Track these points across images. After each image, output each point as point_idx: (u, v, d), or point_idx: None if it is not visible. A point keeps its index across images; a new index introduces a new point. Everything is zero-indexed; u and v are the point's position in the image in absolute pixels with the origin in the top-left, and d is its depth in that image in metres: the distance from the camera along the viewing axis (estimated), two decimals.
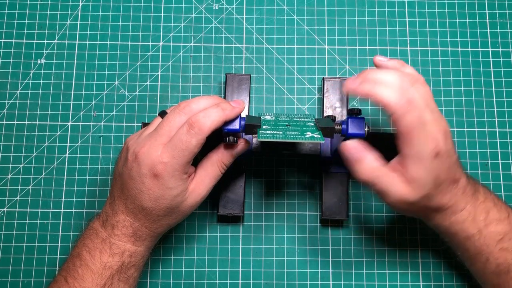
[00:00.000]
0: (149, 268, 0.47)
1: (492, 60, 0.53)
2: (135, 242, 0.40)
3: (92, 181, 0.49)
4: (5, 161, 0.50)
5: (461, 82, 0.52)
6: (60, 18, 0.53)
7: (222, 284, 0.47)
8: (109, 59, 0.52)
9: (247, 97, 0.48)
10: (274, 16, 0.54)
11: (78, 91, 0.51)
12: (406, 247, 0.48)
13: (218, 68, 0.52)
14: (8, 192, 0.49)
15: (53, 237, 0.48)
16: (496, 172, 0.50)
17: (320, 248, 0.48)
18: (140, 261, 0.41)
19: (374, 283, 0.47)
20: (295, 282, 0.47)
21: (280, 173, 0.50)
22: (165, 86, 0.52)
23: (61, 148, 0.50)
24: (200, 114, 0.38)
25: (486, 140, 0.51)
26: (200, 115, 0.38)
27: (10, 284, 0.47)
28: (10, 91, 0.51)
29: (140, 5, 0.54)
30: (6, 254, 0.48)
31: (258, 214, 0.49)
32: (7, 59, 0.52)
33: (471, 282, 0.47)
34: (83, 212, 0.49)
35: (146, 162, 0.38)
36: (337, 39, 0.53)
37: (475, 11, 0.54)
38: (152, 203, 0.39)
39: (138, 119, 0.51)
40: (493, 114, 0.51)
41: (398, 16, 0.54)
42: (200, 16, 0.53)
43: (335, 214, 0.47)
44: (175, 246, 0.48)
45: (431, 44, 0.53)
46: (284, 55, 0.53)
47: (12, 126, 0.50)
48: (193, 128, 0.37)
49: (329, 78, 0.48)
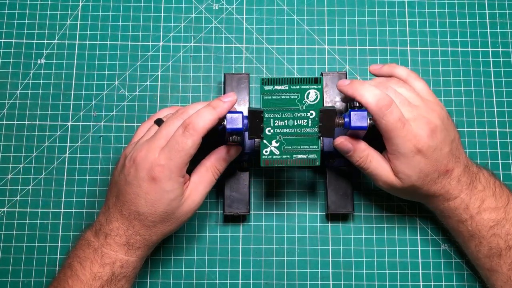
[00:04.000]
0: (149, 268, 0.47)
1: (492, 60, 0.53)
2: (128, 252, 0.40)
3: (92, 181, 0.49)
4: (5, 161, 0.50)
5: (461, 82, 0.52)
6: (60, 18, 0.53)
7: (222, 284, 0.47)
8: (109, 59, 0.52)
9: (246, 96, 0.48)
10: (274, 16, 0.54)
11: (78, 91, 0.51)
12: (406, 247, 0.48)
13: (218, 68, 0.52)
14: (8, 192, 0.49)
15: (53, 237, 0.48)
16: (496, 172, 0.50)
17: (320, 248, 0.48)
18: (131, 272, 0.41)
19: (374, 283, 0.47)
20: (295, 282, 0.47)
21: (280, 173, 0.50)
22: (165, 86, 0.52)
23: (61, 148, 0.50)
24: (193, 115, 0.39)
25: (486, 140, 0.51)
26: (193, 116, 0.38)
27: (10, 284, 0.47)
28: (10, 91, 0.51)
29: (140, 5, 0.54)
30: (6, 254, 0.48)
31: (258, 214, 0.49)
32: (7, 59, 0.52)
33: (471, 282, 0.47)
34: (83, 212, 0.49)
35: (143, 165, 0.38)
36: (337, 39, 0.53)
37: (475, 11, 0.54)
38: (149, 208, 0.39)
39: (138, 119, 0.51)
40: (493, 114, 0.51)
41: (398, 16, 0.54)
42: (200, 16, 0.53)
43: (340, 208, 0.47)
44: (175, 246, 0.48)
45: (431, 44, 0.53)
46: (284, 55, 0.53)
47: (12, 126, 0.50)
48: (187, 129, 0.38)
49: (327, 73, 0.48)
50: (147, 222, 0.39)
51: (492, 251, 0.41)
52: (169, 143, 0.38)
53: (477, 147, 0.50)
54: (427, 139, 0.39)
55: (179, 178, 0.39)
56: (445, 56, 0.53)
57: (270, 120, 0.39)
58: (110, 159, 0.50)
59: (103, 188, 0.49)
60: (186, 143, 0.38)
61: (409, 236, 0.49)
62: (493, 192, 0.41)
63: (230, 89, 0.48)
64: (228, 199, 0.46)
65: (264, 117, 0.39)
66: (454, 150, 0.41)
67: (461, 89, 0.52)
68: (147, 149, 0.39)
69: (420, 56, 0.53)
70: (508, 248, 0.40)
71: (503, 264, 0.40)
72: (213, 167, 0.42)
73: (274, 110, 0.39)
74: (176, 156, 0.38)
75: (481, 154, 0.50)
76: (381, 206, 0.49)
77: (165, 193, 0.38)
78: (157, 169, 0.38)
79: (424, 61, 0.53)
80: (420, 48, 0.53)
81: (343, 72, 0.49)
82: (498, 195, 0.41)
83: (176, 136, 0.38)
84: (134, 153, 0.39)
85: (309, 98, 0.39)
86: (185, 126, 0.38)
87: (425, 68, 0.52)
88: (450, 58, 0.53)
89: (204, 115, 0.38)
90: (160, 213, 0.39)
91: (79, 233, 0.44)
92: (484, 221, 0.41)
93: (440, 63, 0.53)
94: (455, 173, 0.41)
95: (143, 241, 0.40)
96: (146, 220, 0.39)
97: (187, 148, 0.38)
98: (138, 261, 0.41)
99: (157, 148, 0.38)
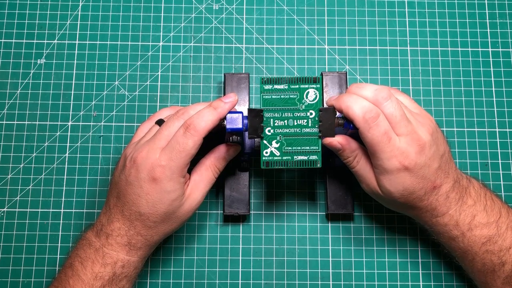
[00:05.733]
0: (149, 268, 0.47)
1: (492, 60, 0.53)
2: (129, 252, 0.40)
3: (92, 181, 0.49)
4: (5, 161, 0.50)
5: (461, 82, 0.52)
6: (60, 18, 0.53)
7: (222, 284, 0.47)
8: (109, 59, 0.52)
9: (246, 96, 0.48)
10: (274, 16, 0.54)
11: (78, 91, 0.51)
12: (406, 247, 0.48)
13: (218, 68, 0.52)
14: (8, 192, 0.49)
15: (53, 237, 0.48)
16: (496, 172, 0.50)
17: (320, 248, 0.48)
18: (133, 272, 0.41)
19: (374, 283, 0.47)
20: (295, 282, 0.47)
21: (280, 173, 0.50)
22: (165, 86, 0.52)
23: (61, 148, 0.50)
24: (194, 116, 0.39)
25: (486, 140, 0.51)
26: (194, 116, 0.39)
27: (10, 284, 0.47)
28: (10, 91, 0.51)
29: (140, 5, 0.54)
30: (6, 254, 0.48)
31: (258, 214, 0.49)
32: (7, 59, 0.52)
33: (471, 282, 0.47)
34: (83, 212, 0.49)
35: (144, 166, 0.38)
36: (337, 39, 0.53)
37: (475, 11, 0.54)
38: (150, 208, 0.39)
39: (138, 119, 0.51)
40: (493, 114, 0.51)
41: (398, 16, 0.54)
42: (200, 16, 0.53)
43: (340, 208, 0.47)
44: (175, 246, 0.48)
45: (431, 44, 0.53)
46: (284, 55, 0.53)
47: (12, 126, 0.50)
48: (188, 130, 0.38)
49: (327, 73, 0.48)
50: (148, 223, 0.39)
51: (485, 267, 0.40)
52: (170, 144, 0.38)
53: (477, 147, 0.50)
54: (415, 156, 0.37)
55: (180, 178, 0.39)
56: (445, 56, 0.53)
57: (270, 119, 0.40)
58: (110, 159, 0.50)
59: (103, 188, 0.49)
60: (187, 143, 0.38)
61: (409, 236, 0.48)
62: (484, 206, 0.40)
63: (230, 89, 0.48)
64: (228, 199, 0.46)
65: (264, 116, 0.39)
66: (444, 165, 0.39)
67: (461, 89, 0.52)
68: (147, 149, 0.39)
69: (420, 56, 0.53)
70: (501, 264, 0.39)
71: (497, 279, 0.39)
72: (213, 166, 0.42)
73: (274, 109, 0.39)
74: (177, 157, 0.38)
75: (481, 154, 0.50)
76: (381, 206, 0.49)
77: (166, 194, 0.38)
78: (158, 169, 0.38)
79: (424, 61, 0.53)
80: (420, 48, 0.53)
81: (343, 72, 0.49)
82: (490, 208, 0.40)
83: (177, 137, 0.38)
84: (134, 153, 0.39)
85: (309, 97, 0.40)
86: (186, 126, 0.38)
87: (425, 68, 0.52)
88: (450, 58, 0.53)
89: (205, 116, 0.38)
90: (161, 213, 0.39)
91: (80, 233, 0.44)
92: (476, 237, 0.39)
93: (440, 63, 0.53)
94: (443, 189, 0.39)
95: (145, 241, 0.40)
96: (147, 220, 0.39)
97: (188, 149, 0.38)
98: (139, 261, 0.41)
99: (158, 148, 0.38)
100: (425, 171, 0.38)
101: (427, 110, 0.51)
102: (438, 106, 0.51)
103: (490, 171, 0.50)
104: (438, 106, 0.51)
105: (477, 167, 0.50)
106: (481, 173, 0.50)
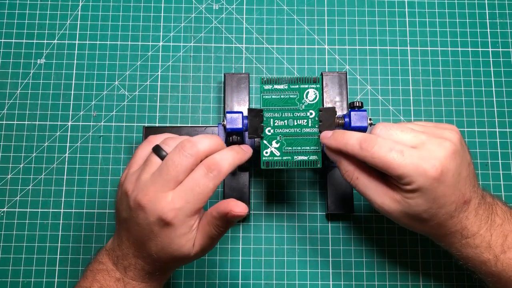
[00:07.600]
0: None
1: (492, 60, 0.53)
2: (149, 281, 0.38)
3: (92, 181, 0.49)
4: (5, 161, 0.50)
5: (461, 82, 0.52)
6: (60, 18, 0.53)
7: (222, 284, 0.47)
8: (109, 59, 0.52)
9: (246, 96, 0.48)
10: (274, 16, 0.54)
11: (78, 91, 0.51)
12: (406, 247, 0.48)
13: (218, 68, 0.52)
14: (8, 192, 0.49)
15: (53, 237, 0.48)
16: (496, 172, 0.50)
17: (320, 248, 0.48)
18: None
19: (374, 283, 0.47)
20: (295, 282, 0.47)
21: (280, 173, 0.50)
22: (165, 86, 0.52)
23: (61, 148, 0.50)
24: (217, 157, 0.35)
25: (486, 140, 0.51)
26: (217, 157, 0.35)
27: (10, 284, 0.47)
28: (10, 91, 0.51)
29: (140, 5, 0.54)
30: (6, 254, 0.48)
31: (258, 214, 0.49)
32: (7, 59, 0.52)
33: (471, 282, 0.47)
34: (83, 212, 0.49)
35: (154, 209, 0.34)
36: (337, 39, 0.53)
37: (475, 11, 0.54)
38: (160, 251, 0.36)
39: (138, 119, 0.51)
40: (493, 114, 0.51)
41: (398, 16, 0.54)
42: (200, 16, 0.53)
43: (340, 208, 0.47)
44: None
45: (431, 44, 0.53)
46: (284, 55, 0.53)
47: (12, 126, 0.50)
48: (211, 171, 0.35)
49: (327, 73, 0.48)
50: (160, 263, 0.37)
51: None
52: (186, 185, 0.35)
53: (477, 147, 0.50)
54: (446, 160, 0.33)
55: (192, 221, 0.36)
56: (445, 56, 0.53)
57: (270, 119, 0.40)
58: (110, 159, 0.50)
59: (103, 188, 0.49)
60: (208, 185, 0.34)
61: (409, 236, 0.48)
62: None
63: (230, 89, 0.48)
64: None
65: (264, 116, 0.39)
66: (471, 176, 0.35)
67: (461, 89, 0.52)
68: (154, 191, 0.35)
69: (420, 56, 0.53)
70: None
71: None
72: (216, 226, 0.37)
73: (274, 109, 0.39)
74: (195, 199, 0.34)
75: (481, 154, 0.50)
76: None
77: (177, 238, 0.35)
78: (171, 213, 0.34)
79: (424, 61, 0.53)
80: (420, 48, 0.53)
81: (343, 72, 0.49)
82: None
83: (196, 178, 0.35)
84: (139, 195, 0.35)
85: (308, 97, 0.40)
86: (209, 167, 0.35)
87: (425, 68, 0.52)
88: (450, 58, 0.53)
89: (229, 159, 0.35)
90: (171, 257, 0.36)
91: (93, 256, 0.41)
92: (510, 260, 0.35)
93: (440, 63, 0.53)
94: (472, 205, 0.35)
95: (162, 273, 0.38)
96: (159, 260, 0.37)
97: (207, 191, 0.35)
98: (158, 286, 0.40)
99: (168, 191, 0.35)
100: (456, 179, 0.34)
101: (427, 110, 0.51)
102: (438, 106, 0.51)
103: (490, 171, 0.50)
104: (438, 106, 0.51)
105: (477, 167, 0.50)
106: (481, 173, 0.50)
